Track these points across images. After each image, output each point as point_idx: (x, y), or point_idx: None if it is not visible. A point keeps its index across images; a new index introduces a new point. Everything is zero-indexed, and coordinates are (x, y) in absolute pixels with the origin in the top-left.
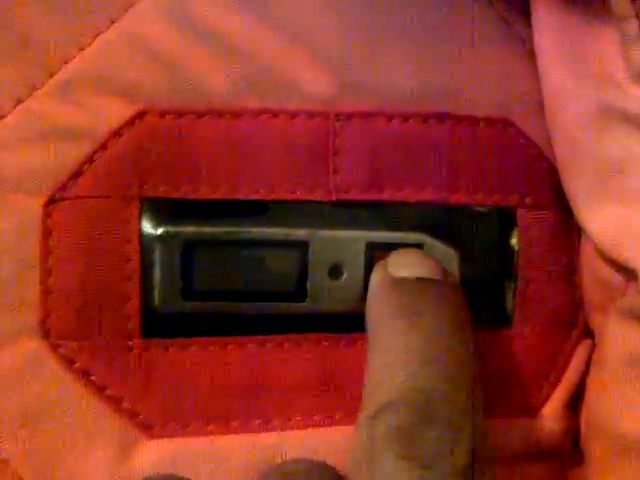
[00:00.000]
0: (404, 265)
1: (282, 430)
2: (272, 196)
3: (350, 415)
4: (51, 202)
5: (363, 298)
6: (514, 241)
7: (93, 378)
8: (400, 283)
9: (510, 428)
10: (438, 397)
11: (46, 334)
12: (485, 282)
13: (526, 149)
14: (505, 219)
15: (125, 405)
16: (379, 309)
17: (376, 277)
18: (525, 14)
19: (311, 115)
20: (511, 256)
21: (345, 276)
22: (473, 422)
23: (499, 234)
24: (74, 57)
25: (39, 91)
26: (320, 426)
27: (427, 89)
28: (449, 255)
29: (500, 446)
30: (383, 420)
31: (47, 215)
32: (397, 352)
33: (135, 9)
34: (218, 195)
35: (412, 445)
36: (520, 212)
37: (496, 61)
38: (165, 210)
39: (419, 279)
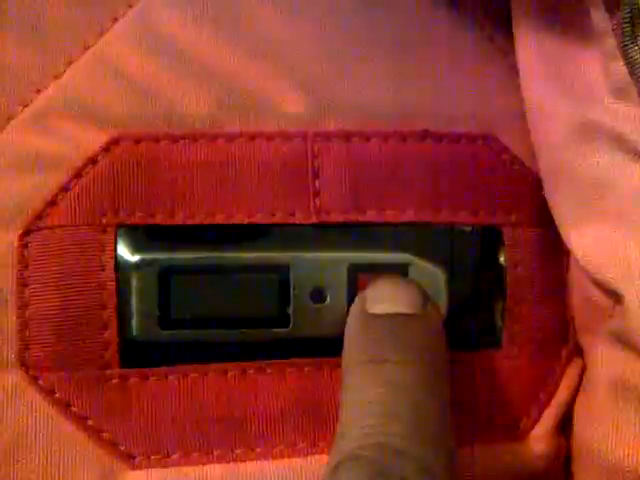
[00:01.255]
0: (381, 299)
1: (265, 459)
2: (251, 220)
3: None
4: (27, 233)
5: (346, 322)
6: (502, 260)
7: (73, 409)
8: (372, 321)
9: (498, 452)
10: (395, 454)
11: (25, 366)
12: (473, 302)
13: (510, 165)
14: (492, 237)
15: (106, 436)
16: (350, 348)
17: (353, 310)
18: (508, 28)
19: (288, 137)
20: (499, 275)
21: (328, 300)
22: (432, 478)
23: (486, 252)
24: (48, 86)
25: (14, 121)
26: (304, 455)
27: (406, 107)
28: (436, 275)
29: (487, 470)
30: (340, 475)
31: (23, 246)
32: (359, 402)
33: (108, 35)
34: (195, 221)
35: None
36: (506, 230)
37: (478, 76)
38: (141, 237)
39: (393, 316)
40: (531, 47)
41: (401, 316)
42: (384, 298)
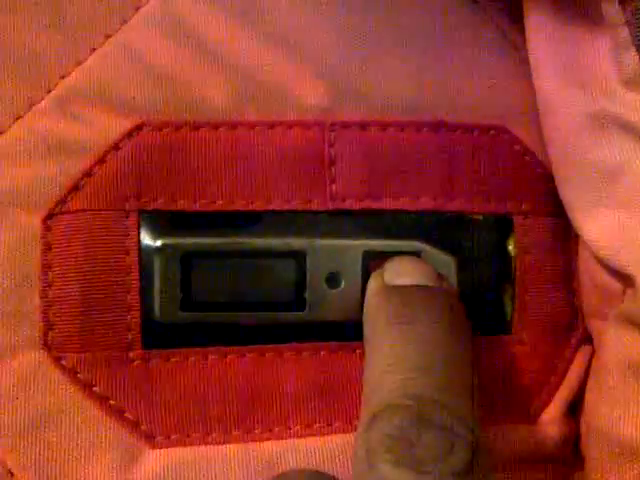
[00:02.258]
0: (399, 273)
1: (282, 438)
2: (269, 207)
3: (349, 422)
4: (50, 216)
5: (361, 306)
6: (511, 247)
7: (96, 389)
8: (395, 291)
9: (510, 434)
10: (431, 403)
11: (48, 346)
12: (483, 289)
13: (521, 156)
14: (502, 225)
15: (128, 415)
16: (374, 317)
17: (372, 285)
18: (519, 22)
19: (307, 126)
20: (509, 262)
21: (343, 285)
22: (469, 427)
23: (496, 241)
24: (71, 72)
25: (37, 106)
26: (320, 434)
27: (422, 97)
28: (447, 263)
29: (500, 452)
30: (377, 428)
31: (47, 229)
32: (390, 360)
33: (130, 24)
34: (216, 207)
35: (406, 451)
36: (516, 219)
37: (491, 68)
38: (163, 222)
39: (414, 286)
40: (542, 38)
41: (422, 286)
42: (404, 271)
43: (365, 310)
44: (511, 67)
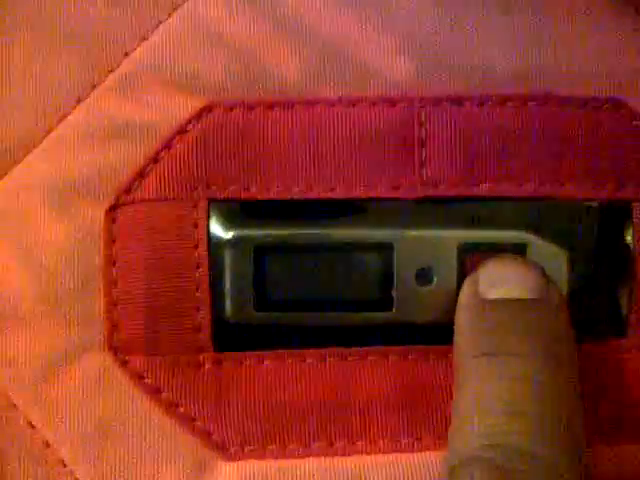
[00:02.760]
0: (496, 282)
1: (367, 454)
2: (351, 194)
3: (440, 438)
4: (114, 207)
5: (455, 306)
6: (630, 238)
7: (164, 395)
8: (486, 309)
9: (626, 455)
10: (524, 455)
11: (114, 348)
12: (597, 286)
13: None
14: (619, 213)
15: (198, 424)
16: (464, 339)
17: (464, 295)
18: None
19: (393, 102)
20: (627, 256)
21: (435, 282)
22: None
23: (613, 231)
24: (135, 49)
25: (100, 87)
26: (407, 451)
27: (524, 67)
28: (556, 256)
29: (614, 476)
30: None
31: (110, 221)
32: (476, 401)
33: None
34: (292, 195)
35: None
36: (636, 205)
37: (603, 32)
38: (235, 212)
39: (512, 302)
40: None
41: (519, 301)
42: (499, 282)
43: (455, 324)
44: (629, 31)
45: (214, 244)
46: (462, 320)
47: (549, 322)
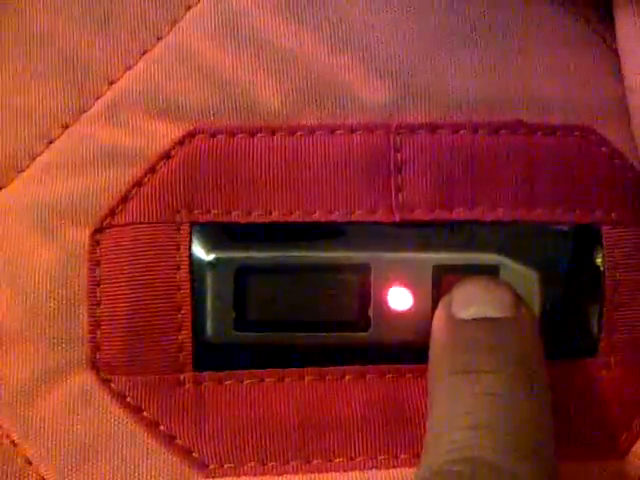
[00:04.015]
0: (469, 302)
1: (344, 471)
2: (330, 218)
3: (416, 456)
4: (99, 230)
5: (431, 327)
6: (599, 261)
7: (145, 414)
8: (460, 328)
9: (595, 471)
10: (487, 468)
11: (96, 368)
12: (568, 307)
13: (610, 159)
14: (589, 237)
15: (179, 442)
16: (438, 358)
17: (439, 316)
18: (606, 10)
19: (370, 129)
20: (597, 278)
21: (411, 303)
22: None
23: (583, 254)
24: (120, 77)
25: (86, 114)
26: (385, 467)
27: (497, 95)
28: (528, 277)
29: None
30: None
31: (95, 244)
32: (449, 414)
33: (181, 25)
34: (272, 218)
35: None
36: (605, 229)
37: (574, 62)
38: (217, 235)
39: (484, 320)
40: (634, 28)
41: (491, 320)
42: (472, 301)
43: (430, 344)
44: (597, 60)
45: (196, 266)
46: (436, 339)
47: (520, 339)
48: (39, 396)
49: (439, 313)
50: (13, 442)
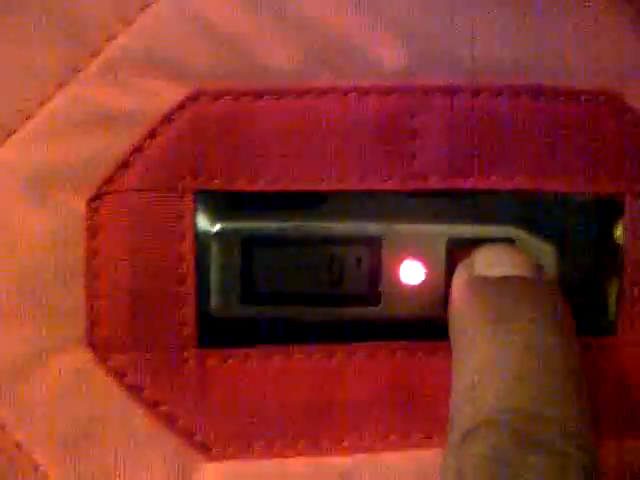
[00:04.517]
0: (492, 263)
1: (354, 452)
2: (340, 186)
3: (430, 437)
4: (96, 197)
5: (445, 302)
6: (618, 234)
7: (145, 393)
8: (487, 283)
9: (623, 450)
10: (537, 418)
11: (93, 345)
12: (586, 282)
13: (635, 127)
14: (611, 209)
15: (181, 423)
16: (463, 315)
17: (460, 277)
18: None
19: (385, 92)
20: (616, 252)
21: (424, 277)
22: (581, 445)
23: (604, 227)
24: (119, 34)
25: (82, 73)
26: (396, 449)
27: (518, 58)
28: (545, 251)
29: (615, 471)
30: (473, 446)
31: (92, 212)
32: (486, 366)
33: None
34: (279, 187)
35: (509, 475)
36: (628, 200)
37: (599, 25)
38: (222, 204)
39: (509, 277)
40: None
41: (519, 277)
42: (498, 261)
43: (451, 307)
44: (624, 23)
45: (201, 237)
46: (459, 300)
47: (549, 296)
48: (31, 375)
49: (460, 274)
50: (2, 425)
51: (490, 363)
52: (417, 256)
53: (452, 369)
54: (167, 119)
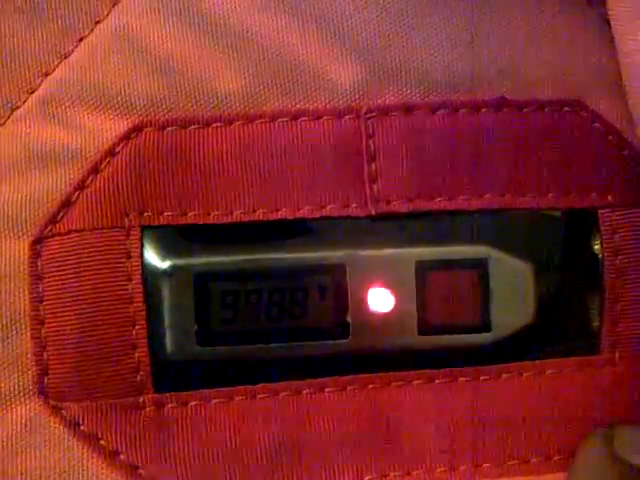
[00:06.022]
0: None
1: None
2: (298, 214)
3: (408, 474)
4: (39, 240)
5: (416, 329)
6: (597, 248)
7: (102, 442)
8: (634, 473)
9: None
10: None
11: (44, 395)
12: (565, 300)
13: (604, 136)
14: (585, 222)
15: (142, 473)
16: None
17: (595, 453)
18: None
19: (339, 113)
20: (595, 266)
21: (394, 304)
22: None
23: (579, 241)
24: (55, 68)
25: (19, 111)
26: None
27: (477, 70)
28: (520, 270)
29: None
30: None
31: (35, 256)
32: None
33: (122, 4)
34: (233, 218)
35: None
36: (602, 213)
37: (561, 31)
38: (172, 239)
39: None
40: None
41: None
42: None
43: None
44: (587, 29)
45: (150, 275)
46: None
47: None
48: None
49: (593, 451)
50: None
51: None
52: (385, 283)
53: None
54: (110, 153)
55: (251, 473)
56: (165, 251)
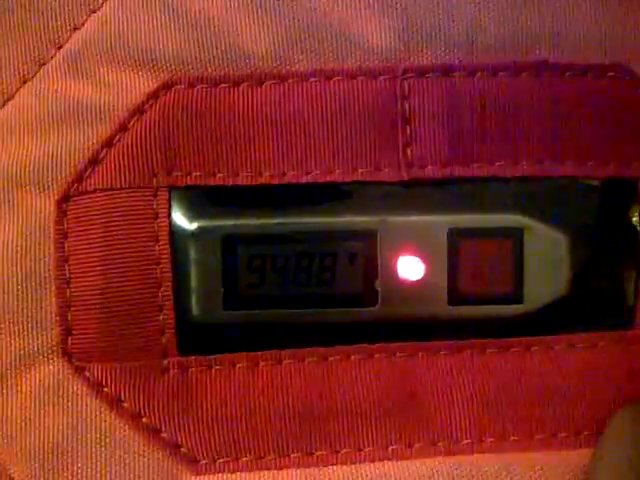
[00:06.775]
0: None
1: (351, 463)
2: (328, 178)
3: (433, 444)
4: (65, 199)
5: (446, 299)
6: (635, 220)
7: (125, 405)
8: None
9: None
10: None
11: (68, 355)
12: (601, 272)
13: None
14: (623, 193)
15: (164, 435)
16: None
17: (624, 430)
18: None
19: (373, 74)
20: (632, 238)
21: (424, 272)
22: None
23: (617, 212)
24: (85, 22)
25: (47, 66)
26: (397, 458)
27: (518, 32)
28: (556, 240)
29: None
30: None
31: (61, 215)
32: None
33: None
34: (262, 180)
35: None
36: None
37: None
38: (199, 201)
39: None
40: None
41: None
42: None
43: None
44: None
45: (177, 237)
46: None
47: None
48: (4, 389)
49: (624, 421)
50: None
51: None
52: (416, 250)
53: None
54: (138, 111)
55: (275, 439)
56: (193, 213)
